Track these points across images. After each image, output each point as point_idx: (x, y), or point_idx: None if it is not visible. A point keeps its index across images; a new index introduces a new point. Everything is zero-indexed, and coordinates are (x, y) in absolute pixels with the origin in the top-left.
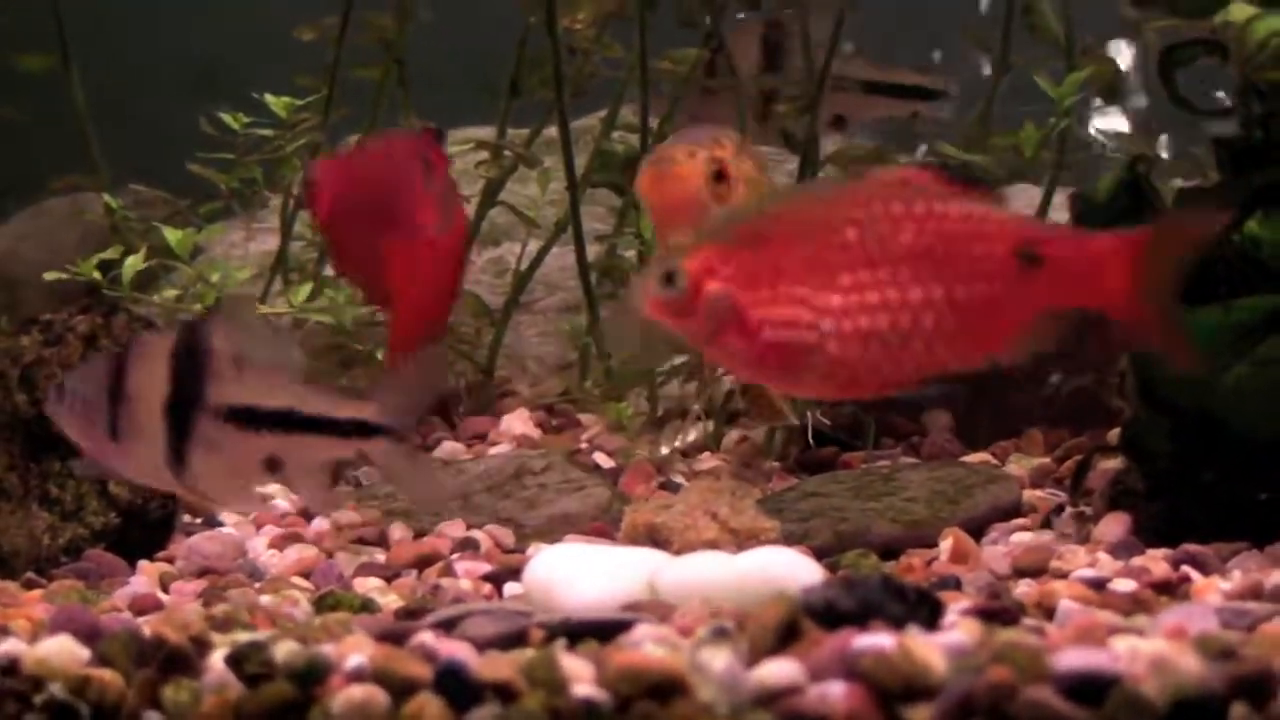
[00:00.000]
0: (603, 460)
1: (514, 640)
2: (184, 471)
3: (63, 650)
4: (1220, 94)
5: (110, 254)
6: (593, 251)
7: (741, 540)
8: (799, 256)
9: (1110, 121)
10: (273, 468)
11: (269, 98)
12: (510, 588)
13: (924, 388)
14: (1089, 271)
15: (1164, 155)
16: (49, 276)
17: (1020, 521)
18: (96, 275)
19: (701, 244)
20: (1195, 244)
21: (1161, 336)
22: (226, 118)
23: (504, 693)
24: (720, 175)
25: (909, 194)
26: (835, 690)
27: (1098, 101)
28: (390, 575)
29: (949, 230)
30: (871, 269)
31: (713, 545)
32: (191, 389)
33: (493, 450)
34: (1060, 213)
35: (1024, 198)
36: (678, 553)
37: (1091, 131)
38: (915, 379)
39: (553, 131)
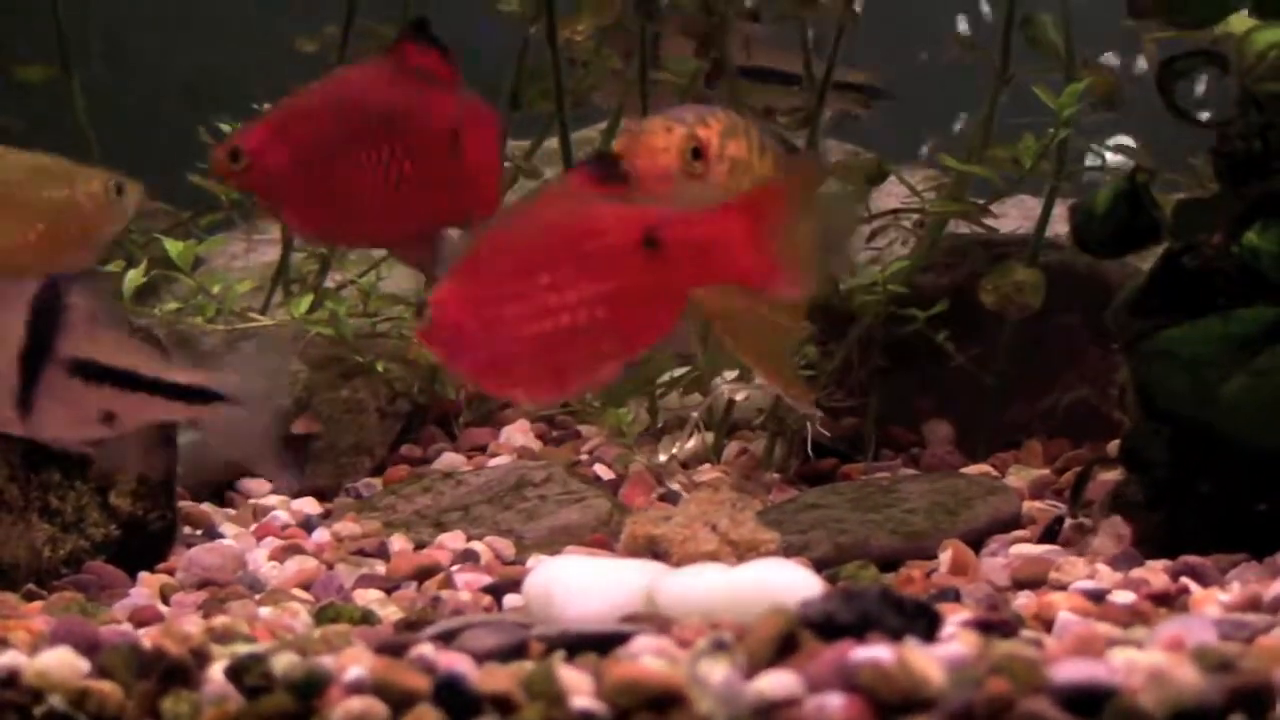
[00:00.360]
0: (603, 472)
1: (513, 652)
2: (28, 416)
3: (62, 662)
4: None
5: (112, 268)
6: None
7: (741, 552)
8: (500, 274)
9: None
10: (109, 421)
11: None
12: (510, 599)
13: (617, 376)
14: (707, 247)
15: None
16: None
17: (1020, 533)
18: None
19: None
20: (805, 189)
21: (781, 283)
22: (227, 129)
23: (503, 705)
24: (697, 153)
25: (560, 202)
26: (833, 702)
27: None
28: (390, 587)
29: (588, 229)
30: (543, 276)
31: (712, 557)
32: (44, 339)
33: (493, 462)
34: (1061, 224)
35: (1022, 208)
36: (677, 564)
37: (1109, 147)
38: (601, 369)
39: (554, 143)
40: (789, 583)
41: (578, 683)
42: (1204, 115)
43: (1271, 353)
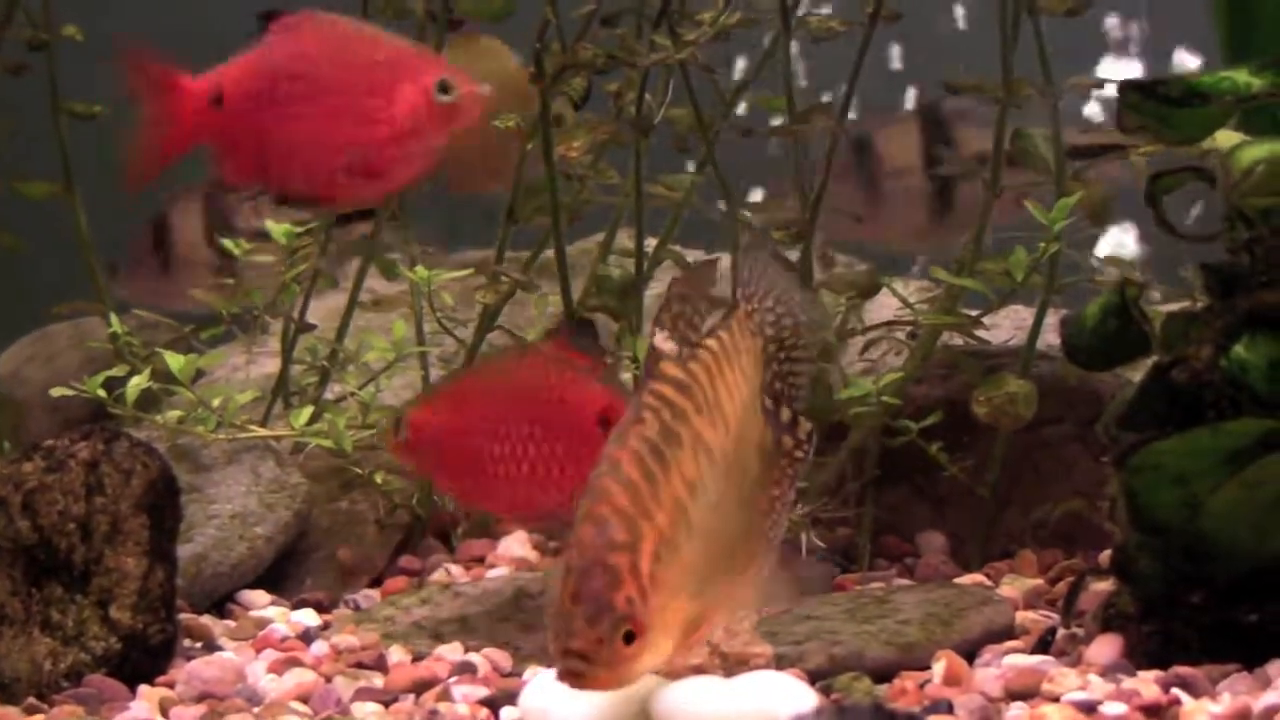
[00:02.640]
0: None
1: None
2: None
3: None
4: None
5: (116, 372)
6: None
7: (730, 665)
8: (477, 414)
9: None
10: None
11: (269, 224)
12: (508, 712)
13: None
14: None
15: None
16: (55, 392)
17: (1013, 644)
18: (101, 393)
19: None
20: None
21: None
22: (228, 244)
23: None
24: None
25: (548, 368)
26: None
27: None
28: (388, 700)
29: (565, 399)
30: (515, 427)
31: (699, 670)
32: None
33: (491, 573)
34: (1053, 335)
35: (1014, 319)
36: (666, 676)
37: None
38: (537, 503)
39: (550, 256)
40: (783, 697)
41: None
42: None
43: (1260, 465)
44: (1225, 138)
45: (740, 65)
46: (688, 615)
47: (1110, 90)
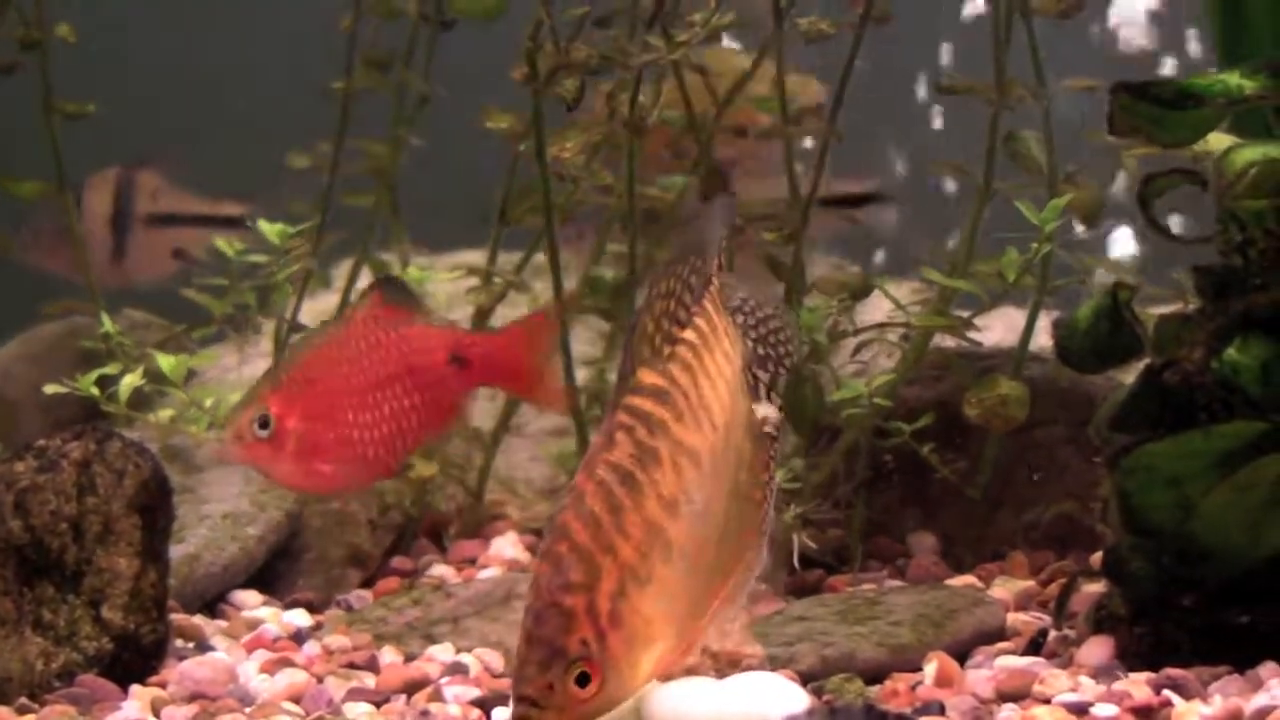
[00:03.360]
0: None
1: None
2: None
3: None
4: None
5: (109, 370)
6: (582, 375)
7: (721, 665)
8: (334, 387)
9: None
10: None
11: (262, 224)
12: (499, 713)
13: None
14: (500, 362)
15: None
16: (49, 389)
17: (1004, 645)
18: (95, 391)
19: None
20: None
21: (541, 394)
22: (220, 244)
23: None
24: None
25: (379, 326)
26: None
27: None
28: (380, 700)
29: (410, 349)
30: (375, 389)
31: (691, 671)
32: None
33: (483, 574)
34: (1045, 337)
35: (1007, 321)
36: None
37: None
38: (402, 458)
39: (543, 257)
40: (776, 697)
41: None
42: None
43: (1252, 467)
44: (1218, 140)
45: None
46: (676, 629)
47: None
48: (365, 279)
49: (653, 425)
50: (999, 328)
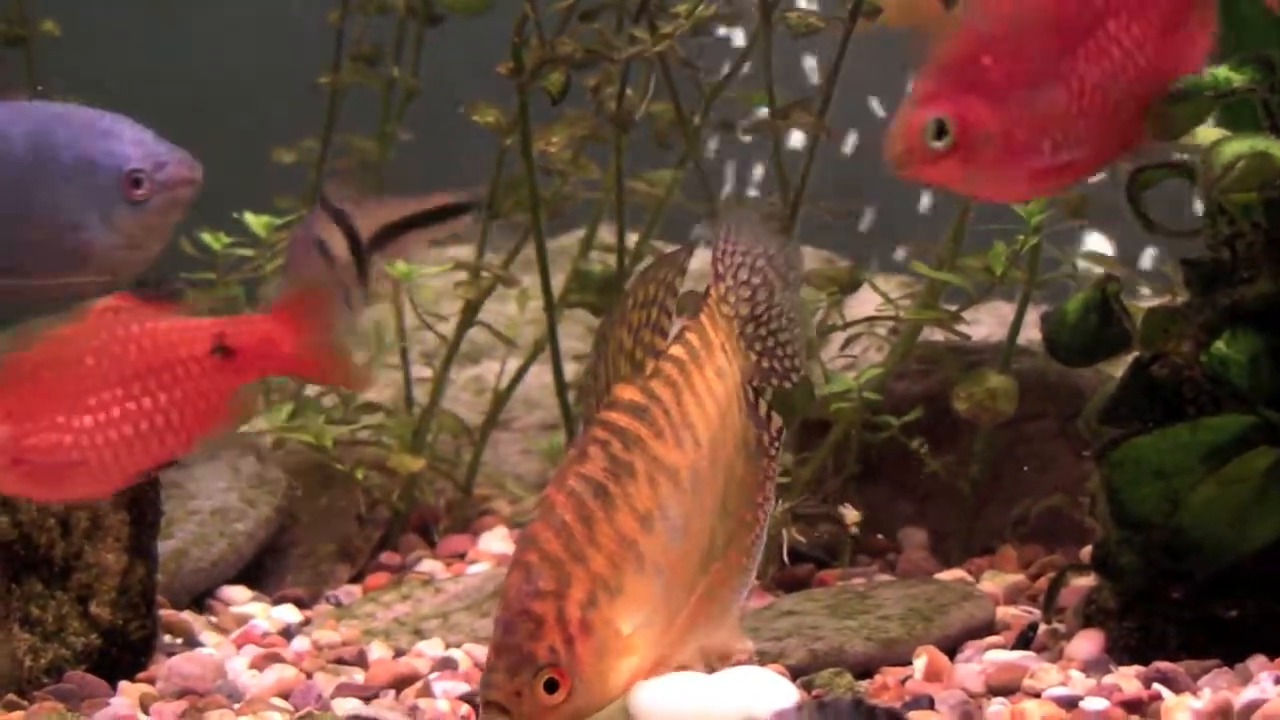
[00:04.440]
0: None
1: None
2: None
3: None
4: None
5: None
6: (571, 370)
7: (711, 660)
8: (55, 388)
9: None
10: None
11: (249, 217)
12: None
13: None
14: (271, 348)
15: None
16: None
17: (994, 639)
18: None
19: None
20: (319, 305)
21: (331, 374)
22: (207, 237)
23: None
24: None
25: (123, 320)
26: None
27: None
28: (369, 695)
29: (159, 344)
30: (110, 388)
31: (681, 666)
32: None
33: (471, 569)
34: (1034, 331)
35: (996, 315)
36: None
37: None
38: (158, 461)
39: (531, 251)
40: (764, 693)
41: None
42: None
43: (1240, 461)
44: (1206, 133)
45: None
46: (652, 642)
47: None
48: None
49: (628, 440)
50: (989, 321)
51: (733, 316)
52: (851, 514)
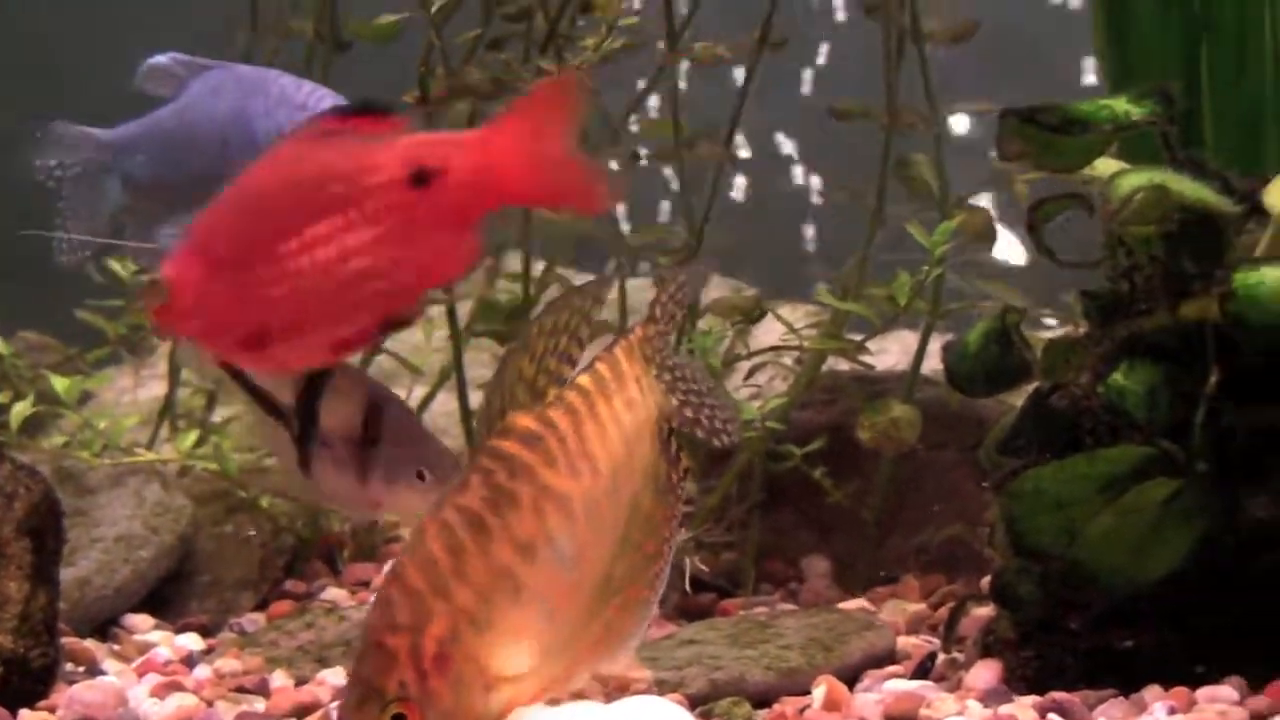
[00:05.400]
0: None
1: None
2: None
3: None
4: None
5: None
6: (476, 398)
7: (609, 689)
8: (243, 233)
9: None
10: None
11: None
12: None
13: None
14: (483, 167)
15: None
16: None
17: (894, 669)
18: None
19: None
20: (566, 101)
21: (573, 196)
22: (115, 265)
23: None
24: None
25: (310, 148)
26: None
27: None
28: None
29: (341, 172)
30: (307, 228)
31: (578, 695)
32: None
33: (376, 597)
34: (937, 360)
35: (902, 344)
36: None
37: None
38: (381, 318)
39: None
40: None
41: None
42: None
43: (1136, 492)
44: (1105, 165)
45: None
46: (534, 676)
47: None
48: None
49: (515, 469)
50: (894, 350)
51: (653, 360)
52: None
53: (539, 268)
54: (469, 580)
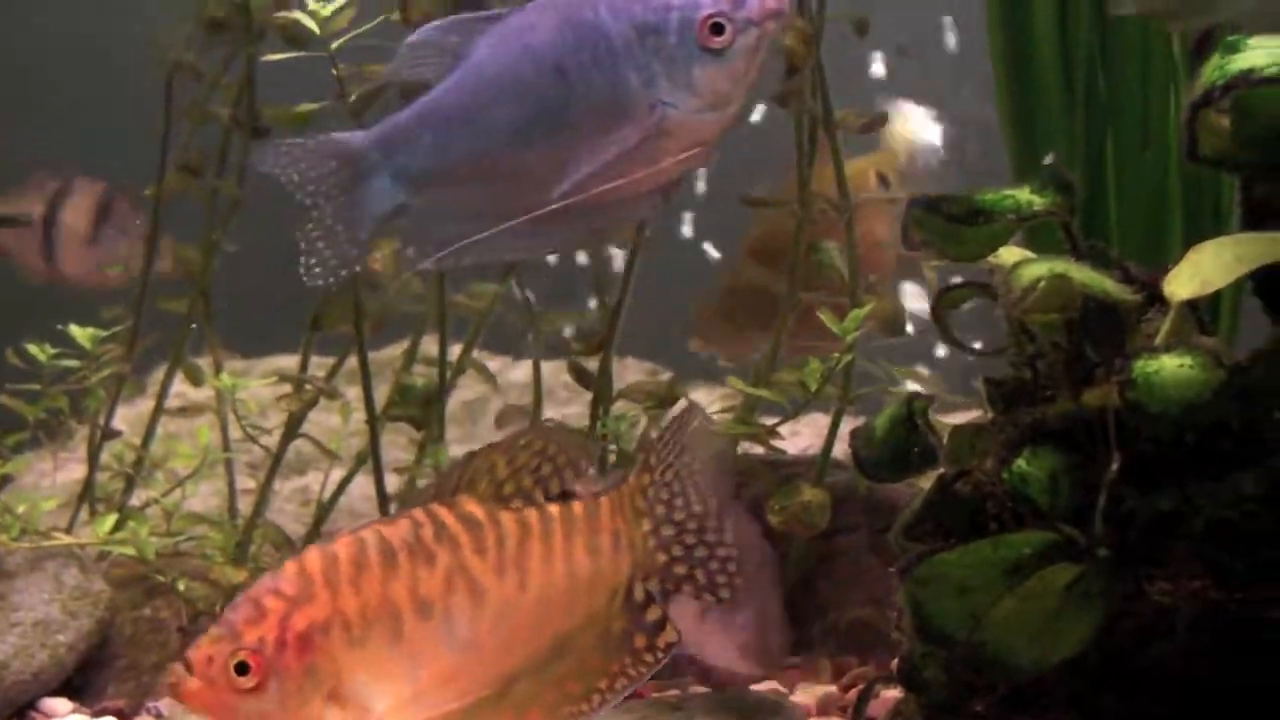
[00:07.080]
0: None
1: None
2: None
3: None
4: None
5: None
6: (393, 482)
7: None
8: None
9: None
10: None
11: (74, 329)
12: None
13: None
14: None
15: None
16: None
17: None
18: None
19: None
20: None
21: None
22: (33, 349)
23: None
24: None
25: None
26: None
27: None
28: None
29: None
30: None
31: None
32: None
33: None
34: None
35: (815, 427)
36: None
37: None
38: None
39: (354, 363)
40: None
41: None
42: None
43: (1039, 577)
44: (1009, 254)
45: None
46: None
47: None
48: (179, 384)
49: (443, 535)
50: (807, 433)
51: (645, 514)
52: None
53: (455, 352)
54: (361, 595)
